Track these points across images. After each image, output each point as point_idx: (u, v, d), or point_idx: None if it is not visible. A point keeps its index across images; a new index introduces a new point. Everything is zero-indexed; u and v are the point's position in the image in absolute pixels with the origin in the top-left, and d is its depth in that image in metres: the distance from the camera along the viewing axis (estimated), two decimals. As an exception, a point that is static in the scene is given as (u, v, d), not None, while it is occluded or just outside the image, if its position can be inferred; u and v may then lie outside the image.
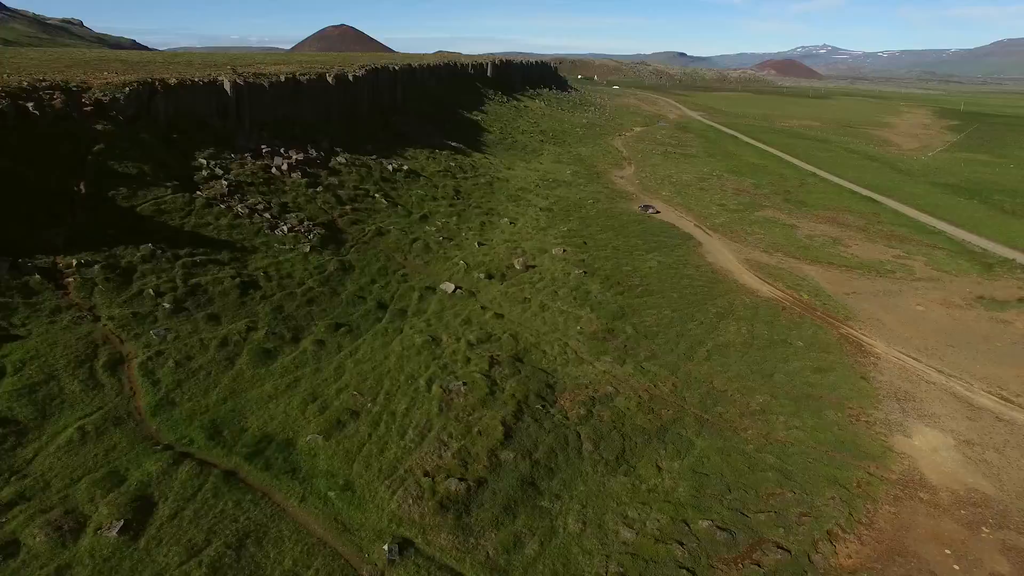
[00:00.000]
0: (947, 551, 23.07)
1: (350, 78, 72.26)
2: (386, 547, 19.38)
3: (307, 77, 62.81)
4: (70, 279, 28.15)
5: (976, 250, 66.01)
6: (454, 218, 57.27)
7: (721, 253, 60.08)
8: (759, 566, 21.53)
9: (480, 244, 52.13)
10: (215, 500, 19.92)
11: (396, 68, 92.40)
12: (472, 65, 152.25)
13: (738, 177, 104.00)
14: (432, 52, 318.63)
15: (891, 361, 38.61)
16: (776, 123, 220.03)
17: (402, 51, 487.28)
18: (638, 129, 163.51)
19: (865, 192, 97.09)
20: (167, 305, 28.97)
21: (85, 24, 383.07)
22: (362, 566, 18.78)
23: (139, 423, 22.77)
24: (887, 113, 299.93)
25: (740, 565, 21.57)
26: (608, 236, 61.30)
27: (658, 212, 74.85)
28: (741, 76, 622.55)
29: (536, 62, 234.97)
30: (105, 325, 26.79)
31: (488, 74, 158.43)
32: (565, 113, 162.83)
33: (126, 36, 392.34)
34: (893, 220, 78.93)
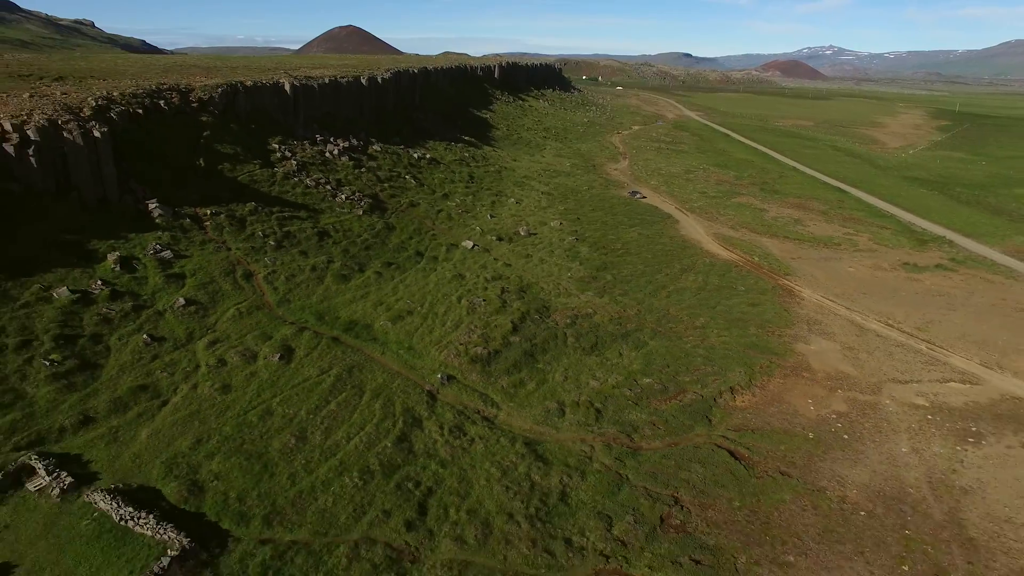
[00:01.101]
0: (809, 401, 34.28)
1: (379, 80, 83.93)
2: (438, 376, 30.90)
3: (346, 79, 74.50)
4: (207, 223, 39.84)
5: (918, 230, 76.82)
6: (470, 197, 68.76)
7: (694, 228, 71.24)
8: (680, 402, 32.85)
9: (491, 216, 63.56)
10: (329, 349, 31.46)
11: (415, 71, 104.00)
12: (481, 68, 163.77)
13: (723, 170, 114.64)
14: (438, 53, 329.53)
15: (812, 301, 49.75)
16: (771, 123, 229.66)
17: (408, 51, 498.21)
18: (636, 128, 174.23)
19: (836, 183, 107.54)
20: (272, 243, 40.61)
21: (96, 25, 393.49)
22: (424, 385, 30.26)
23: (270, 310, 34.40)
24: (883, 114, 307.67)
25: (668, 402, 32.87)
26: (599, 214, 72.53)
27: (644, 197, 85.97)
28: (745, 77, 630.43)
29: (541, 64, 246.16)
30: (235, 252, 38.47)
31: (495, 76, 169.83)
32: (567, 112, 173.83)
33: (136, 37, 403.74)
34: (854, 206, 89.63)
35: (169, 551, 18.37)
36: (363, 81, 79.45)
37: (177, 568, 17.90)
